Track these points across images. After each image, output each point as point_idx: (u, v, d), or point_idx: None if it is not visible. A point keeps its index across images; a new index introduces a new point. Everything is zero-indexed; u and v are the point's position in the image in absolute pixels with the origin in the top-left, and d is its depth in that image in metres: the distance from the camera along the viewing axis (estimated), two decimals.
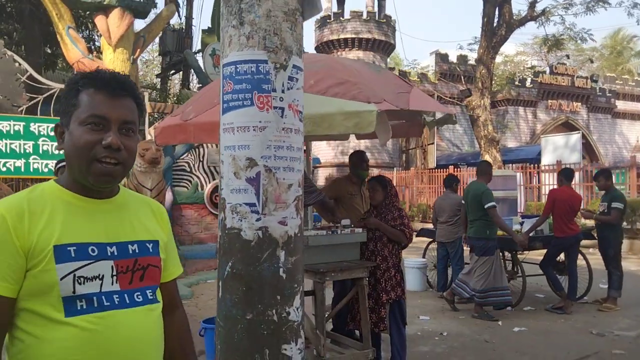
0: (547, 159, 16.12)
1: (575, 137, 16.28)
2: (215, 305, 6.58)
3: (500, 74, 28.68)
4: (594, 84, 30.84)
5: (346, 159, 5.51)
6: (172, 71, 16.34)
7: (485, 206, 5.73)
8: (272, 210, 1.89)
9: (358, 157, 4.92)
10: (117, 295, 1.20)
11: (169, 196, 9.79)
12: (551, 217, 6.32)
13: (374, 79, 3.60)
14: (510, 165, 17.09)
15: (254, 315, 1.86)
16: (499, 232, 6.75)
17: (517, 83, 29.07)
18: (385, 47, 25.69)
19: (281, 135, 1.89)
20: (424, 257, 8.22)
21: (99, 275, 1.17)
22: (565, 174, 6.53)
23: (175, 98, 13.61)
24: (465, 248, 6.82)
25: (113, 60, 8.89)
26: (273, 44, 1.91)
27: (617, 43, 38.99)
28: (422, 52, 56.60)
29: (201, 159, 10.70)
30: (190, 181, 10.58)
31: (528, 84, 29.21)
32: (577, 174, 13.74)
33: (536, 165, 15.93)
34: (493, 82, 19.85)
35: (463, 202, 6.27)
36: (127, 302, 1.21)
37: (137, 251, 1.25)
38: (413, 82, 25.98)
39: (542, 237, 6.46)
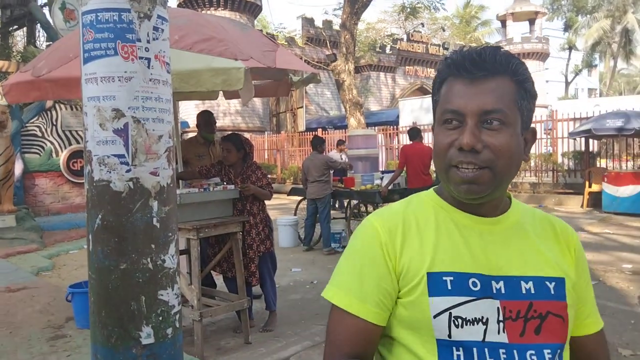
0: (404, 121, 17.42)
1: (428, 100, 17.76)
2: (79, 276, 6.23)
3: (363, 40, 29.87)
4: (445, 51, 33.55)
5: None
6: (15, 26, 14.50)
7: None
8: (143, 161, 1.90)
9: (204, 118, 4.80)
10: (503, 350, 0.88)
11: (19, 164, 8.93)
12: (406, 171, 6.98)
13: (239, 36, 3.64)
14: (374, 127, 18.17)
15: (128, 264, 1.88)
16: (362, 187, 7.31)
17: (378, 49, 30.60)
18: (252, 8, 25.29)
19: (149, 86, 1.90)
20: (295, 214, 8.57)
21: (482, 318, 0.89)
22: (411, 132, 7.21)
23: (19, 56, 12.23)
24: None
25: None
26: None
27: (466, 13, 42.58)
28: (289, 16, 56.63)
29: (54, 123, 9.85)
30: (42, 147, 9.72)
31: (388, 50, 30.89)
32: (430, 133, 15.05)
33: (395, 127, 17.15)
34: (356, 47, 20.66)
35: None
36: None
37: (532, 291, 0.92)
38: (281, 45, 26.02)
39: (400, 189, 7.11)
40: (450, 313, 0.88)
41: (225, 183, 4.01)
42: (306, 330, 4.12)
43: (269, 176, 5.34)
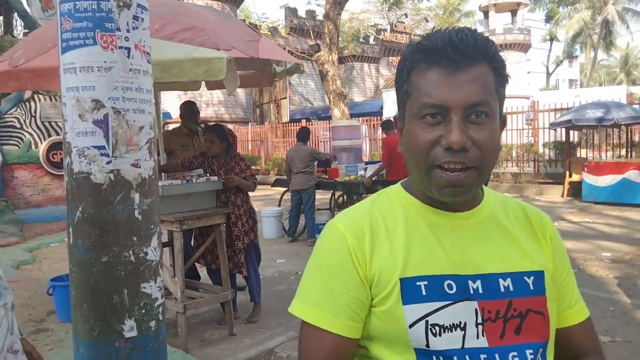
0: (388, 112, 17.45)
1: None
2: (60, 269, 6.15)
3: (346, 30, 29.78)
4: None
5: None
6: None
7: None
8: (124, 152, 1.88)
9: (187, 109, 4.78)
10: (485, 356, 0.83)
11: None
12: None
13: (222, 26, 3.60)
14: (358, 118, 18.18)
15: (110, 257, 1.86)
16: (346, 178, 7.33)
17: (361, 40, 30.56)
18: None
19: (129, 76, 1.86)
20: (279, 205, 8.56)
21: (460, 323, 0.82)
22: (386, 124, 7.28)
23: None
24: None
25: None
26: None
27: (450, 4, 42.66)
28: (272, 6, 56.20)
29: (33, 114, 9.66)
30: (21, 139, 9.53)
31: (371, 41, 30.86)
32: None
33: (379, 117, 17.18)
34: (340, 38, 20.59)
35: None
36: None
37: (510, 289, 0.85)
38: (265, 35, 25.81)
39: (383, 180, 7.14)
40: (427, 321, 0.81)
41: (208, 174, 3.98)
42: (291, 321, 4.13)
43: (253, 167, 5.39)
